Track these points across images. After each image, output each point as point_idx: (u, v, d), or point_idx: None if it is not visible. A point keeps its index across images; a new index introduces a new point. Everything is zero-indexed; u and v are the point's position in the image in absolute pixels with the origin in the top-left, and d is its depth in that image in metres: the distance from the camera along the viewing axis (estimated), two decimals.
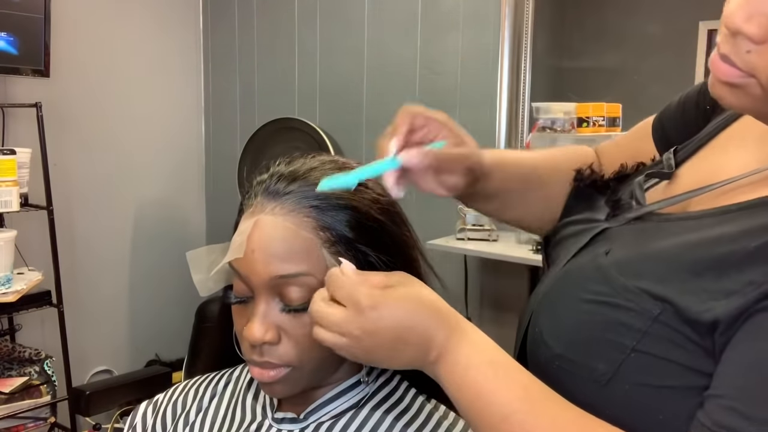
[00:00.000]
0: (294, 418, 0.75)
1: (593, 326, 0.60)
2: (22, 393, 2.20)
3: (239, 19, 2.97)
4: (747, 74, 0.52)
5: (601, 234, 0.70)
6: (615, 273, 0.60)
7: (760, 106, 0.55)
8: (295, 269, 0.67)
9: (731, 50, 0.53)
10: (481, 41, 2.28)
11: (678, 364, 0.55)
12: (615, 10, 2.35)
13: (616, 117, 2.07)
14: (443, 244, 2.10)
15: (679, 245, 0.59)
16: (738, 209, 0.59)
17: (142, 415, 0.84)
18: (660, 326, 0.55)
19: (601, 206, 0.74)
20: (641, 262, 0.60)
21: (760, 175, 0.61)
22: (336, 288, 0.60)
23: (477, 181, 0.78)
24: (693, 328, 0.54)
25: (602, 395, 0.58)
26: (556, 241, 0.78)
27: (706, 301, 0.53)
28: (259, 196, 0.71)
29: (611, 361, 0.57)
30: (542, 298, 0.69)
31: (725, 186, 0.62)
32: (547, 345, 0.64)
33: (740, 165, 0.63)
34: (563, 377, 0.60)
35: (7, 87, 2.46)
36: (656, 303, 0.56)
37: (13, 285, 2.11)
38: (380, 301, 0.58)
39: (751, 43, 0.51)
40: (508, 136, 2.27)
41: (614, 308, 0.58)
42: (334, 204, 0.70)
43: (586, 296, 0.62)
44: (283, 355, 0.69)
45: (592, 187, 0.79)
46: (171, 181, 3.06)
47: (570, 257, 0.70)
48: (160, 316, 3.00)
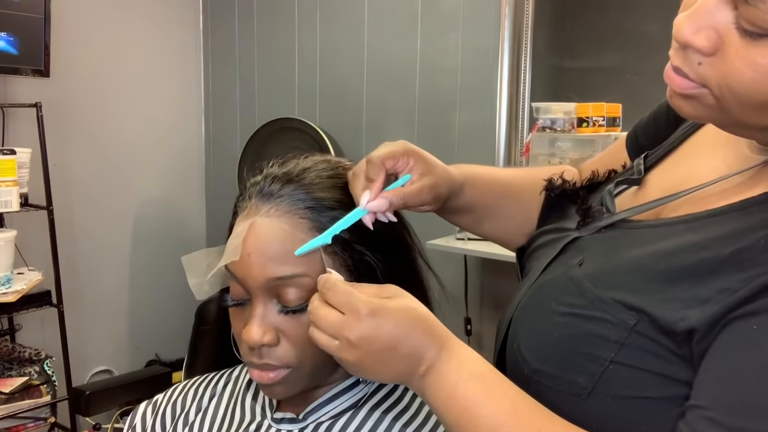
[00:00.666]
0: (293, 418, 0.75)
1: (570, 339, 0.60)
2: (22, 393, 2.20)
3: (239, 19, 2.97)
4: (700, 85, 0.54)
5: (571, 243, 0.69)
6: (589, 285, 0.60)
7: (715, 115, 0.55)
8: (292, 271, 0.67)
9: (682, 63, 0.54)
10: (481, 41, 2.27)
11: (657, 374, 0.54)
12: (615, 10, 2.35)
13: (616, 117, 2.06)
14: (443, 244, 2.10)
15: (651, 254, 0.59)
16: (708, 215, 0.59)
17: (142, 416, 0.84)
18: (637, 337, 0.55)
19: (572, 215, 0.74)
20: (615, 272, 0.60)
21: (729, 181, 0.61)
22: (331, 294, 0.60)
23: (447, 200, 0.79)
24: (670, 337, 0.53)
25: (584, 409, 0.58)
26: (530, 252, 0.78)
27: (681, 309, 0.53)
28: (253, 198, 0.71)
29: (590, 374, 0.57)
30: (518, 311, 0.69)
31: (695, 192, 0.63)
32: (525, 360, 0.64)
33: (709, 170, 0.63)
34: (543, 392, 0.60)
35: (7, 87, 2.46)
36: (632, 313, 0.56)
37: (13, 285, 2.11)
38: (378, 310, 0.58)
39: (702, 55, 0.52)
40: (508, 136, 2.27)
41: (590, 320, 0.58)
42: (329, 205, 0.70)
43: (561, 309, 0.62)
44: (282, 357, 0.69)
45: (563, 196, 0.79)
46: (171, 181, 3.06)
47: (542, 268, 0.70)
48: (160, 316, 2.99)
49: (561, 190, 0.80)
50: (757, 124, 0.54)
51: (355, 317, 0.58)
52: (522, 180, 0.88)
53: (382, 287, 0.62)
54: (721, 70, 0.51)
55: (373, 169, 0.70)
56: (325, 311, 0.60)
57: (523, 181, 0.87)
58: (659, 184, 0.69)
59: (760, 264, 0.51)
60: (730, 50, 0.50)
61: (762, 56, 0.49)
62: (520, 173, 0.86)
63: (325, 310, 0.60)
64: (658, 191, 0.68)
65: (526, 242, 0.81)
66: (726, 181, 0.61)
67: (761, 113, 0.52)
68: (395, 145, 0.73)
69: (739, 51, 0.50)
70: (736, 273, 0.52)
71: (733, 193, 0.59)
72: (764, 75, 0.49)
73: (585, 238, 0.69)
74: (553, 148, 2.05)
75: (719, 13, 0.51)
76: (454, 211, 0.83)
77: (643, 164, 0.73)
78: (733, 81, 0.51)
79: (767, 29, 0.48)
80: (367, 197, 0.69)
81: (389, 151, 0.72)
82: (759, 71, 0.49)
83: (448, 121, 2.36)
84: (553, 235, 0.74)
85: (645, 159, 0.74)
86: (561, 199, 0.79)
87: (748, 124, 0.54)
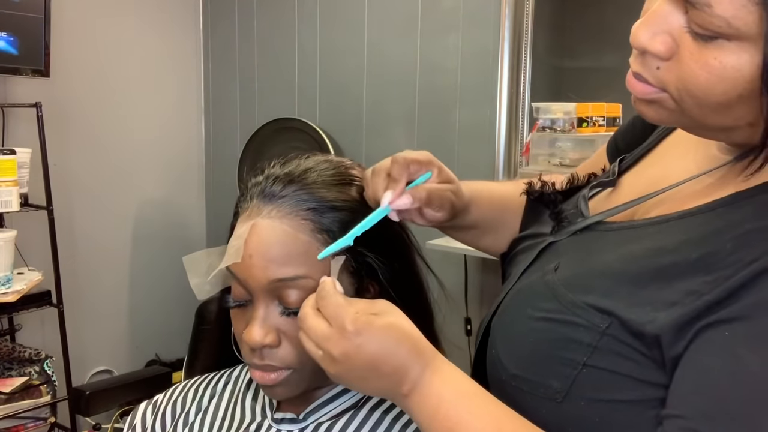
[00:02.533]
0: (293, 418, 0.74)
1: (545, 344, 0.60)
2: (22, 393, 2.19)
3: (239, 19, 2.97)
4: (660, 89, 0.55)
5: (547, 248, 0.70)
6: (563, 289, 0.61)
7: (678, 118, 0.57)
8: (294, 272, 0.67)
9: (641, 68, 0.56)
10: (481, 41, 2.27)
11: (629, 377, 0.55)
12: (615, 10, 2.35)
13: (616, 117, 2.06)
14: (443, 244, 2.10)
15: (622, 257, 0.59)
16: (678, 217, 0.59)
17: (142, 416, 0.84)
18: (608, 340, 0.55)
19: (548, 220, 0.75)
20: (588, 276, 0.61)
21: (699, 181, 0.61)
22: (324, 304, 0.60)
23: (456, 215, 0.79)
24: (640, 340, 0.54)
25: (559, 413, 0.58)
26: (510, 258, 0.79)
27: (650, 312, 0.53)
28: (254, 199, 0.71)
29: (564, 378, 0.57)
30: (496, 317, 0.69)
31: (667, 192, 0.63)
32: (503, 365, 0.64)
33: (680, 171, 0.64)
34: (521, 397, 0.60)
35: (7, 87, 2.46)
36: (603, 317, 0.56)
37: (13, 285, 2.11)
38: (364, 328, 0.58)
39: (659, 59, 0.53)
40: (508, 136, 2.27)
41: (564, 324, 0.59)
42: (331, 206, 0.70)
43: (536, 314, 0.62)
44: (283, 358, 0.68)
45: (540, 200, 0.80)
46: (171, 181, 3.06)
47: (519, 274, 0.70)
48: (160, 316, 2.99)
49: (539, 194, 0.80)
50: (718, 125, 0.55)
51: (339, 333, 0.58)
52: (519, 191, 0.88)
53: (373, 303, 0.62)
54: (677, 74, 0.53)
55: (398, 168, 0.70)
56: (314, 321, 0.60)
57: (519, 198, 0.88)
58: (633, 185, 0.70)
59: (726, 266, 0.51)
60: (685, 53, 0.52)
61: (713, 58, 0.50)
62: (519, 187, 0.87)
63: (313, 320, 0.60)
64: (631, 193, 0.68)
65: (508, 247, 0.82)
66: (696, 182, 0.62)
67: (719, 114, 0.53)
68: (420, 153, 0.74)
69: (693, 54, 0.51)
70: (702, 276, 0.52)
71: (703, 194, 0.60)
72: (718, 76, 0.50)
73: (561, 243, 0.69)
74: (553, 148, 2.05)
75: (672, 18, 0.52)
76: (459, 227, 0.84)
77: (618, 167, 0.73)
78: (689, 83, 0.52)
79: (716, 32, 0.49)
80: (389, 196, 0.68)
81: (415, 156, 0.72)
82: (713, 72, 0.50)
83: (448, 121, 2.36)
84: (531, 241, 0.75)
85: (620, 162, 0.74)
86: (538, 204, 0.80)
87: (709, 125, 0.55)
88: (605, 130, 2.02)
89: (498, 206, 0.87)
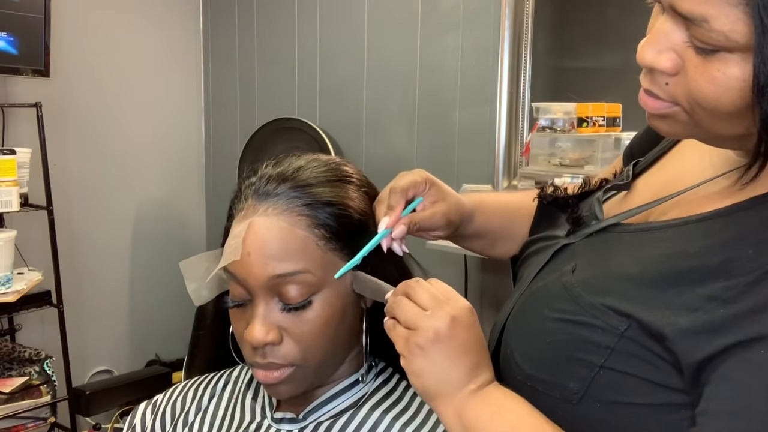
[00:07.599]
0: (293, 418, 0.75)
1: (562, 345, 0.60)
2: (22, 393, 2.20)
3: (239, 19, 2.97)
4: (672, 103, 0.56)
5: (561, 250, 0.70)
6: (581, 291, 0.61)
7: (692, 131, 0.58)
8: (293, 267, 0.67)
9: (651, 84, 0.57)
10: (481, 41, 2.27)
11: (646, 380, 0.55)
12: (615, 10, 2.35)
13: (616, 117, 2.06)
14: (443, 244, 2.09)
15: (640, 260, 0.60)
16: (697, 220, 0.60)
17: (141, 416, 0.84)
18: (627, 342, 0.56)
19: (562, 223, 0.76)
20: (606, 278, 0.61)
21: (716, 183, 0.62)
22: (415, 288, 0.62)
23: (458, 226, 0.82)
24: (659, 343, 0.54)
25: (575, 415, 0.58)
26: (522, 260, 0.80)
27: (670, 316, 0.53)
28: (249, 199, 0.71)
29: (581, 380, 0.58)
30: (510, 318, 0.70)
31: (683, 195, 0.64)
32: (518, 365, 0.64)
33: (697, 173, 0.65)
34: (537, 397, 0.61)
35: (7, 87, 2.46)
36: (621, 319, 0.56)
37: (13, 285, 2.11)
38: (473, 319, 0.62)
39: (667, 75, 0.55)
40: (508, 136, 2.27)
41: (581, 326, 0.59)
42: (325, 201, 0.70)
43: (553, 315, 0.62)
44: (286, 355, 0.69)
45: (554, 204, 0.81)
46: (171, 181, 3.06)
47: (533, 275, 0.71)
48: (160, 316, 2.99)
49: (553, 198, 0.81)
50: (731, 134, 0.56)
51: (439, 306, 0.60)
52: (528, 204, 0.89)
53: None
54: (686, 88, 0.54)
55: (395, 198, 0.74)
56: (408, 303, 0.62)
57: (528, 205, 0.89)
58: (647, 188, 0.70)
59: (748, 272, 0.51)
60: (690, 67, 0.53)
61: (717, 70, 0.51)
62: (528, 194, 0.89)
63: (408, 302, 0.62)
64: (646, 195, 0.69)
65: (519, 250, 0.82)
66: (712, 184, 0.62)
67: (731, 123, 0.54)
68: (414, 174, 0.77)
69: (698, 67, 0.52)
70: (723, 281, 0.52)
71: (720, 197, 0.60)
72: (723, 87, 0.51)
73: (576, 245, 0.69)
74: (553, 148, 2.05)
75: (674, 35, 0.53)
76: (467, 236, 0.86)
77: (632, 170, 0.74)
78: (698, 96, 0.53)
79: (717, 45, 0.50)
80: (386, 221, 0.72)
81: (411, 181, 0.76)
82: (718, 84, 0.51)
83: (448, 120, 2.36)
84: (544, 243, 0.75)
85: (634, 166, 0.75)
86: (552, 208, 0.81)
87: (723, 135, 0.56)
88: (605, 130, 2.02)
89: (506, 213, 0.89)
